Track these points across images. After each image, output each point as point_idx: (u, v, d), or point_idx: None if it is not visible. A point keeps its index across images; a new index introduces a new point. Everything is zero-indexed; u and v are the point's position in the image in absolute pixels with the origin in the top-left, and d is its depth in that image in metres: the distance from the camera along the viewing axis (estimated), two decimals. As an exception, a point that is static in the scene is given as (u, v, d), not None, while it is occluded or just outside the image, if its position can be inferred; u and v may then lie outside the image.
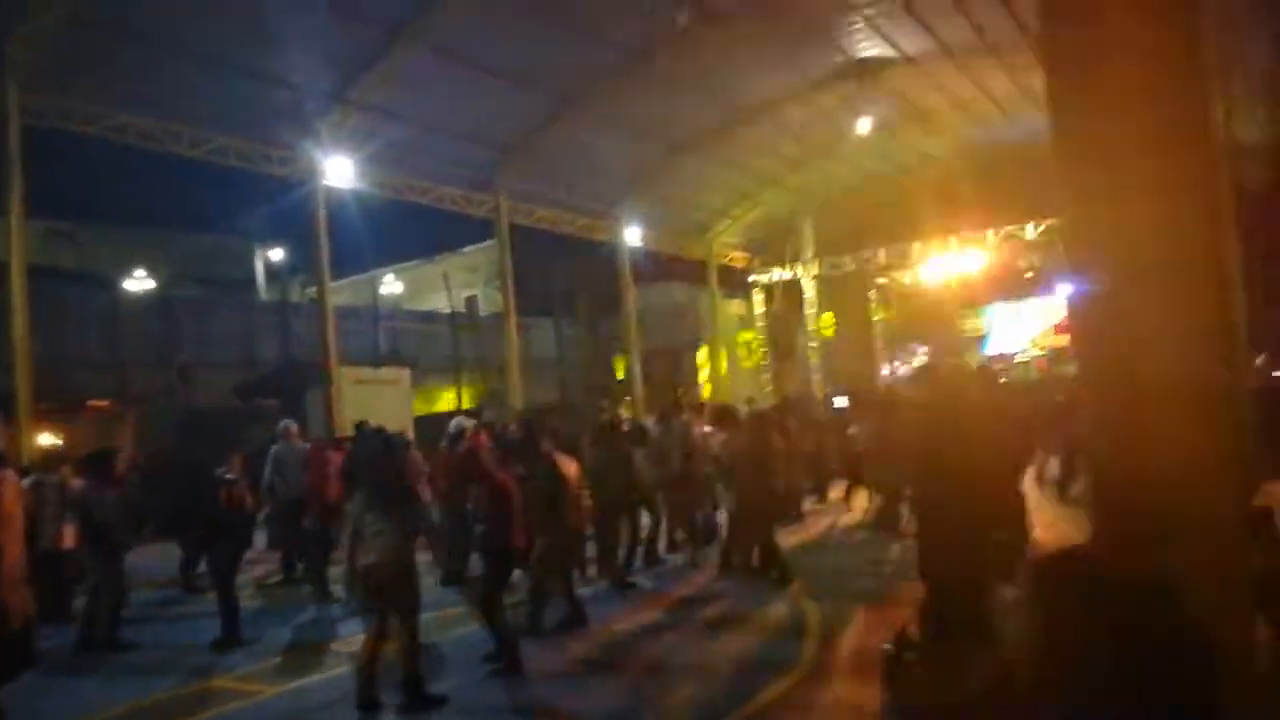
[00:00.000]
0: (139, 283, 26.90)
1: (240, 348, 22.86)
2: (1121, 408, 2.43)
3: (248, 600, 8.66)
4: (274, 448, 10.99)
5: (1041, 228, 26.90)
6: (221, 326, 22.73)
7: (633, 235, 27.13)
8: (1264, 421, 7.26)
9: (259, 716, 5.97)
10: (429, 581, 9.55)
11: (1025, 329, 33.10)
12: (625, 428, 11.24)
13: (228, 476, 8.36)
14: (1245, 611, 2.47)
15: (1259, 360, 12.19)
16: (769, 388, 31.87)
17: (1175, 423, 2.35)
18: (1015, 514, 7.56)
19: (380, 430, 12.16)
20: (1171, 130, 2.51)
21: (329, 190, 19.35)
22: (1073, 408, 11.33)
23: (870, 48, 20.65)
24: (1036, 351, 31.28)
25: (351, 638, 7.80)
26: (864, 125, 23.73)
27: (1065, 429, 11.55)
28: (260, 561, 11.23)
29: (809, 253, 32.27)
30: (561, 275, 32.30)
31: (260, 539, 10.91)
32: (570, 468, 7.83)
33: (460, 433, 9.91)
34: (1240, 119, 19.20)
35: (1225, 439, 2.42)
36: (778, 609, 7.84)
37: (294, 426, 11.37)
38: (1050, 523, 9.28)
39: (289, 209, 21.87)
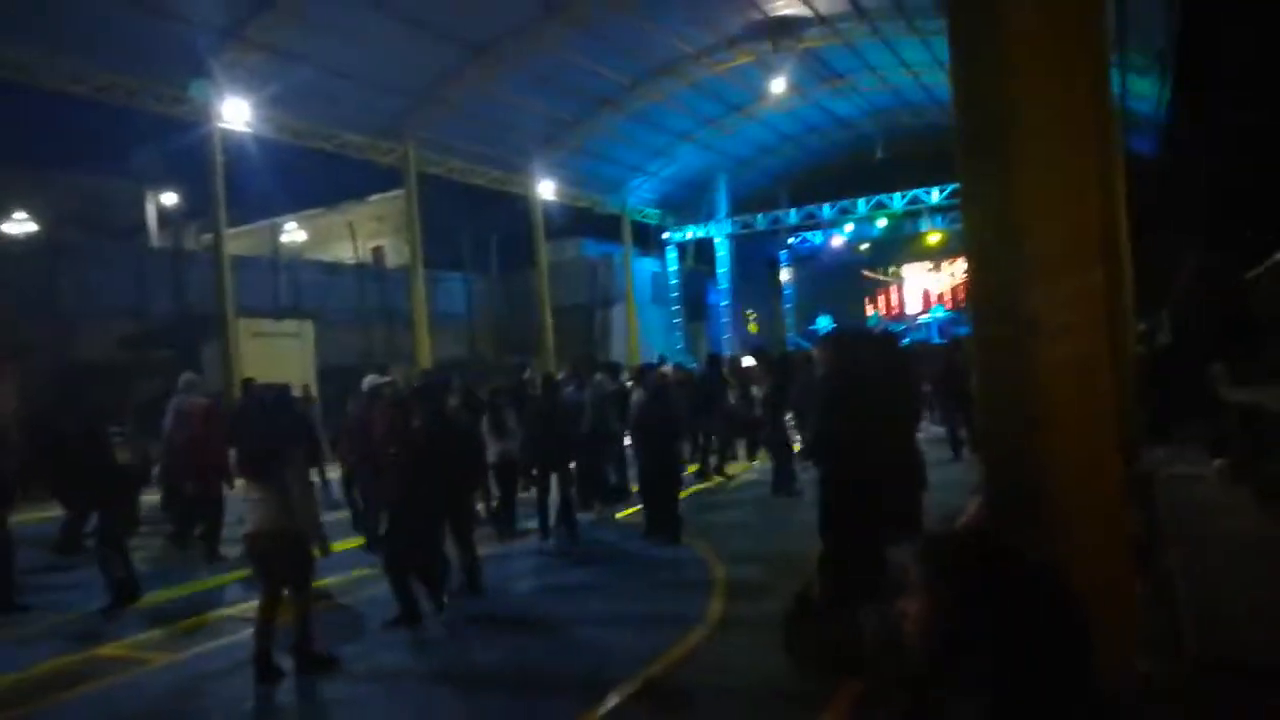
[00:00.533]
0: (18, 225, 25.26)
1: (130, 297, 21.69)
2: (1013, 388, 2.51)
3: (137, 564, 8.31)
4: (173, 399, 10.52)
5: (947, 192, 27.65)
6: (109, 274, 21.50)
7: (546, 189, 26.78)
8: (1143, 387, 7.67)
9: (151, 686, 5.76)
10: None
11: (932, 290, 34.05)
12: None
13: (117, 432, 8.00)
14: (1127, 584, 2.60)
15: (1140, 327, 12.84)
16: (680, 346, 32.16)
17: (1061, 404, 2.45)
18: (910, 473, 7.85)
19: (272, 387, 11.74)
20: (1068, 114, 2.56)
21: (228, 133, 18.47)
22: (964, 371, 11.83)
23: (785, 6, 20.67)
24: (940, 313, 32.26)
25: (247, 603, 7.62)
26: (778, 85, 23.86)
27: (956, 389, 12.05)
28: (153, 522, 10.82)
29: (723, 212, 32.47)
30: (472, 228, 31.69)
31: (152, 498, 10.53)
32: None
33: (375, 390, 9.71)
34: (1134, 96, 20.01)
35: (1109, 418, 2.53)
36: (683, 567, 7.97)
37: (197, 378, 10.88)
38: (944, 482, 9.64)
39: (184, 150, 20.81)
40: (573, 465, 9.94)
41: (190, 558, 9.52)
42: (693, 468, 12.87)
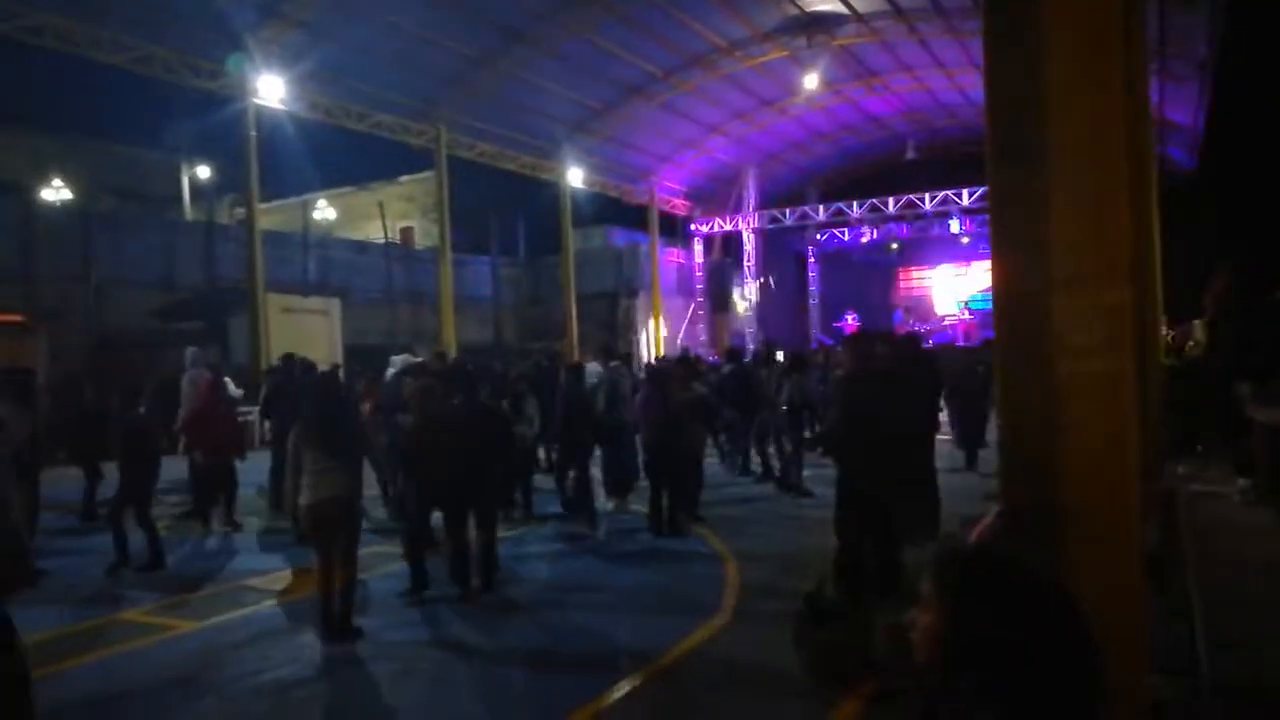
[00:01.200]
0: (55, 193, 25.60)
1: (161, 268, 21.94)
2: (1036, 404, 2.50)
3: (164, 534, 8.46)
4: (187, 373, 10.77)
5: (977, 194, 27.39)
6: (142, 244, 21.75)
7: (575, 176, 26.80)
8: (1169, 401, 7.59)
9: (176, 651, 5.86)
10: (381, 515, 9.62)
11: (963, 292, 33.78)
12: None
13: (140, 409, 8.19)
14: (1142, 602, 2.59)
15: (1169, 337, 12.69)
16: (703, 339, 32.16)
17: (1084, 418, 2.44)
18: (925, 477, 7.83)
19: (305, 363, 11.87)
20: (1103, 123, 2.54)
21: (262, 109, 18.63)
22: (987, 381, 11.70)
23: (821, 3, 20.53)
24: (966, 316, 32.03)
25: (269, 574, 7.75)
26: (811, 81, 23.72)
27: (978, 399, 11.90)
28: (176, 491, 11.00)
29: (750, 205, 32.37)
30: (501, 212, 31.79)
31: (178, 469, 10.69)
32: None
33: (406, 369, 9.82)
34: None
35: (1131, 435, 2.51)
36: (699, 560, 7.99)
37: (200, 352, 11.10)
38: (959, 489, 9.60)
39: (219, 125, 21.01)
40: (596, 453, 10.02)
41: (212, 528, 9.67)
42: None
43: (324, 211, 34.13)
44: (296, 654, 5.69)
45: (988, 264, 2.89)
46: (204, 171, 31.38)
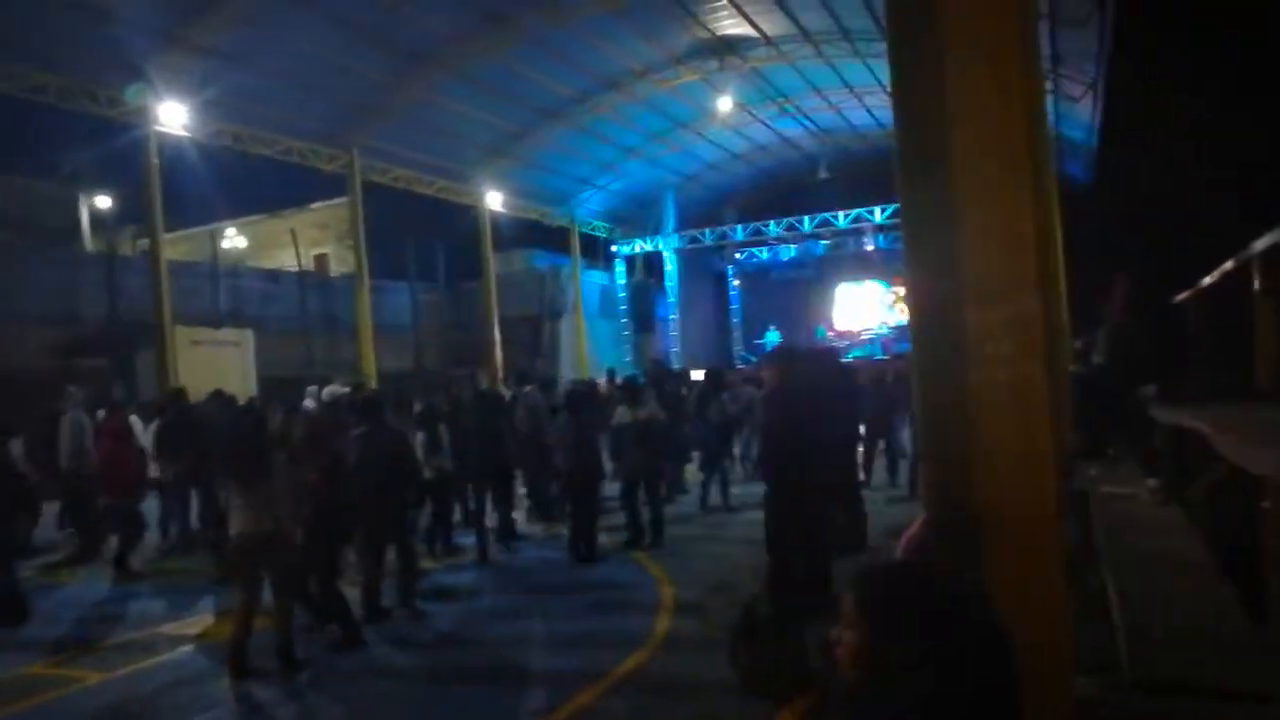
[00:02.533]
0: (-58, 227, 24.28)
1: (61, 303, 20.99)
2: (951, 414, 2.55)
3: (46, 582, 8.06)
4: (68, 415, 10.10)
5: (889, 211, 28.16)
6: (39, 278, 20.77)
7: (494, 200, 26.63)
8: (1078, 406, 7.87)
9: (93, 703, 5.55)
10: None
11: (871, 307, 34.52)
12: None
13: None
14: (1063, 602, 2.65)
15: (1076, 345, 13.18)
16: (629, 358, 32.18)
17: (1000, 426, 2.50)
18: (851, 489, 7.96)
19: (224, 398, 11.45)
20: (1004, 139, 2.62)
21: (165, 136, 18.03)
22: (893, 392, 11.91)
23: (732, 26, 20.91)
24: (884, 329, 32.74)
25: (179, 620, 7.40)
26: (724, 103, 24.10)
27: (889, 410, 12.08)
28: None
29: (670, 226, 32.63)
30: (419, 238, 31.34)
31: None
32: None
33: (334, 401, 9.56)
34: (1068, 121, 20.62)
35: (1046, 441, 2.58)
36: (631, 583, 7.94)
37: (79, 391, 10.51)
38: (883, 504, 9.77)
39: (119, 153, 20.23)
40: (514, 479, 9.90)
41: (104, 573, 9.18)
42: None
43: (234, 240, 33.16)
44: (221, 697, 5.46)
45: (900, 280, 2.95)
46: (104, 201, 30.16)
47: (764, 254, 35.41)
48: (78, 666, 6.30)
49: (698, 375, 21.55)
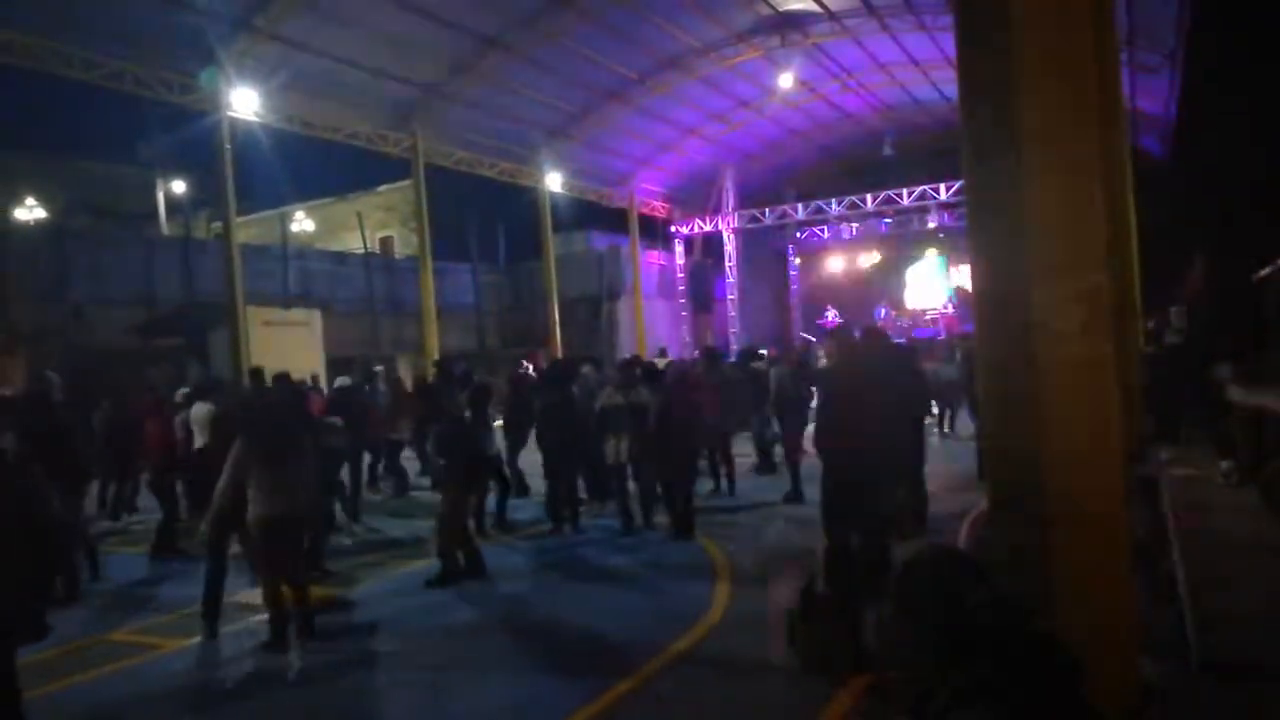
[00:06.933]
0: (29, 211, 25.34)
1: (139, 285, 21.76)
2: (1018, 388, 2.52)
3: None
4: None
5: (955, 189, 27.54)
6: (119, 261, 21.56)
7: (554, 181, 26.77)
8: (1150, 388, 7.66)
9: (167, 670, 5.82)
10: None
11: (941, 286, 33.91)
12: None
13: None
14: (1129, 586, 2.61)
15: (1149, 325, 12.80)
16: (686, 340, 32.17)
17: (1069, 408, 2.45)
18: (911, 470, 7.87)
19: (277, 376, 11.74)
20: (1076, 114, 2.56)
21: (237, 122, 18.51)
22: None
23: (794, 2, 20.60)
24: (948, 309, 32.16)
25: (243, 592, 7.65)
26: (786, 80, 23.78)
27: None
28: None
29: (729, 206, 32.40)
30: (481, 219, 31.71)
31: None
32: None
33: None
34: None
35: (1115, 421, 2.53)
36: (689, 562, 7.99)
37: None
38: (946, 483, 9.63)
39: (194, 139, 20.82)
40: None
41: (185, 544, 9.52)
42: None
43: (302, 223, 33.93)
44: (294, 663, 5.73)
45: (965, 259, 2.91)
46: (179, 186, 31.14)
47: (824, 233, 34.98)
48: (155, 633, 6.59)
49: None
